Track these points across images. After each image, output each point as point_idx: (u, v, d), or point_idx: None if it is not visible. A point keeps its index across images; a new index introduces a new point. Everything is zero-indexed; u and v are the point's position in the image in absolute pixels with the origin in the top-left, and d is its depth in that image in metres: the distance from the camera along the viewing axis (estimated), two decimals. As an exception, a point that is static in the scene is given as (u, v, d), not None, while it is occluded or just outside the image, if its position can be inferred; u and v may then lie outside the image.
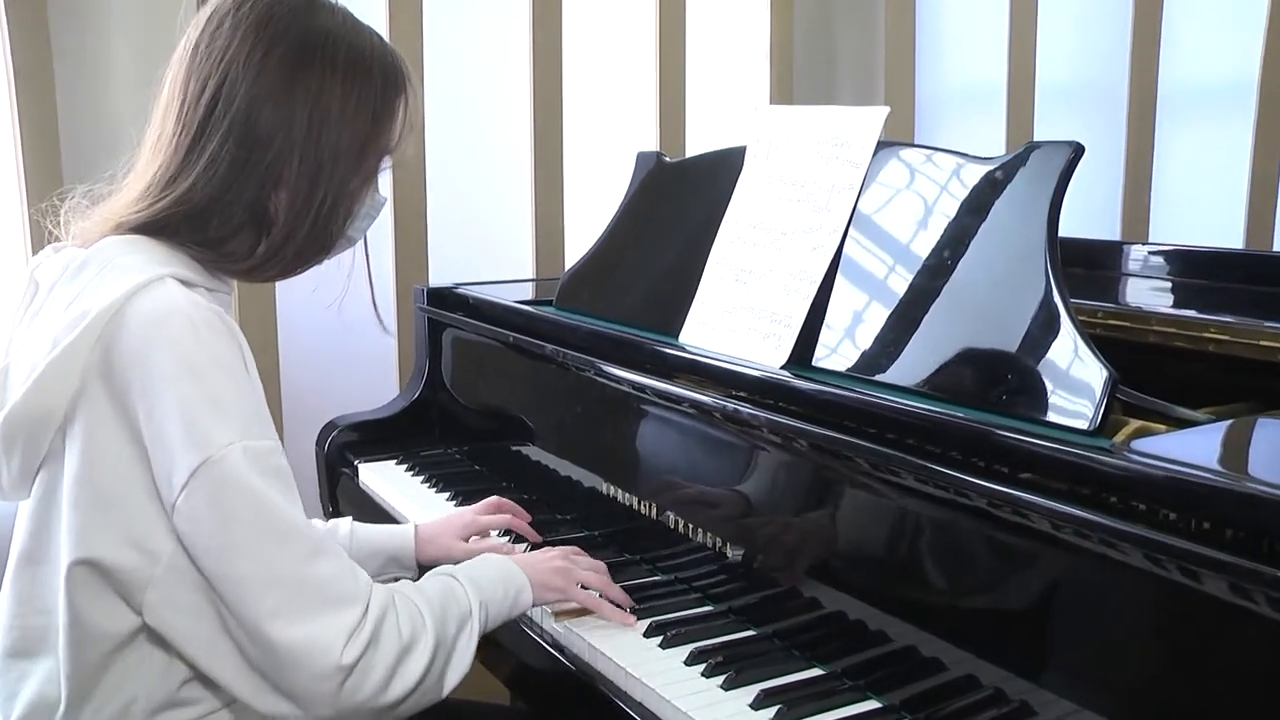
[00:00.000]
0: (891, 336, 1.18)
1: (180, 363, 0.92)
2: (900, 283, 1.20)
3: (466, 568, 1.15)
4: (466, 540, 1.38)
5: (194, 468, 0.91)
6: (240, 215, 1.01)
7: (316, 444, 1.91)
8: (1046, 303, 1.04)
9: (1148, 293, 1.53)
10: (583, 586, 1.24)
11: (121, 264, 0.99)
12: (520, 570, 1.18)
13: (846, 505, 1.11)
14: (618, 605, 1.23)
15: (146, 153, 1.05)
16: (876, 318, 1.21)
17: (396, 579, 1.27)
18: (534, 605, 1.20)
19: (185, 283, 0.99)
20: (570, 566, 1.24)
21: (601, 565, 1.29)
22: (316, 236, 1.04)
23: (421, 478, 1.75)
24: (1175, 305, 1.42)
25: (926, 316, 1.15)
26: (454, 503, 1.63)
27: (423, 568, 1.36)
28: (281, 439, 2.16)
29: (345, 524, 1.32)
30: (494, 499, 1.43)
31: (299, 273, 1.08)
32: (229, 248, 1.02)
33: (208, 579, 0.94)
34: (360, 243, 1.12)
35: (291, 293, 2.02)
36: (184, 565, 0.94)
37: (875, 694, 1.07)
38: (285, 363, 2.17)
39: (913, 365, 1.14)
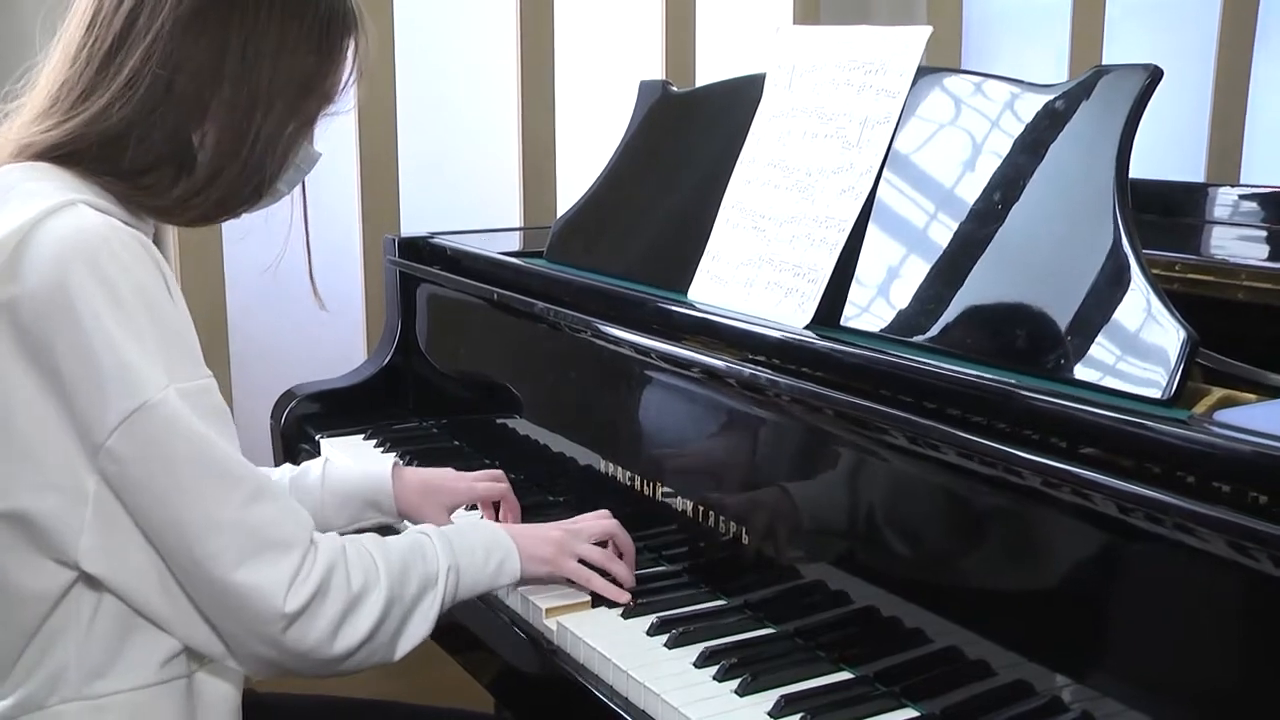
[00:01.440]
0: (932, 293, 1.17)
1: (103, 293, 0.93)
2: (943, 231, 1.19)
3: (445, 528, 1.18)
4: (451, 512, 1.39)
5: (128, 412, 0.94)
6: (160, 146, 1.02)
7: (272, 416, 1.91)
8: (1115, 253, 1.04)
9: (1236, 242, 1.52)
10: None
11: (25, 190, 1.00)
12: (509, 537, 1.20)
13: (879, 485, 1.11)
14: (619, 584, 1.25)
15: (55, 62, 1.05)
16: (915, 271, 1.20)
17: (382, 529, 1.29)
18: (521, 578, 1.21)
19: (99, 210, 0.99)
20: (565, 535, 1.25)
21: (612, 525, 1.29)
22: (246, 181, 1.05)
23: (394, 455, 1.75)
24: (1270, 257, 1.41)
25: (973, 270, 1.14)
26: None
27: (404, 515, 1.37)
28: (231, 411, 2.18)
29: (317, 466, 1.35)
30: (495, 473, 1.43)
31: (223, 220, 1.09)
32: (146, 181, 1.03)
33: (139, 522, 0.98)
34: (299, 201, 1.14)
35: (241, 243, 2.02)
36: (113, 505, 0.97)
37: (912, 702, 1.07)
38: (235, 323, 2.16)
39: (956, 325, 1.13)
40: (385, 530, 1.24)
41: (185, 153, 1.03)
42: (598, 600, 1.25)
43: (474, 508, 1.47)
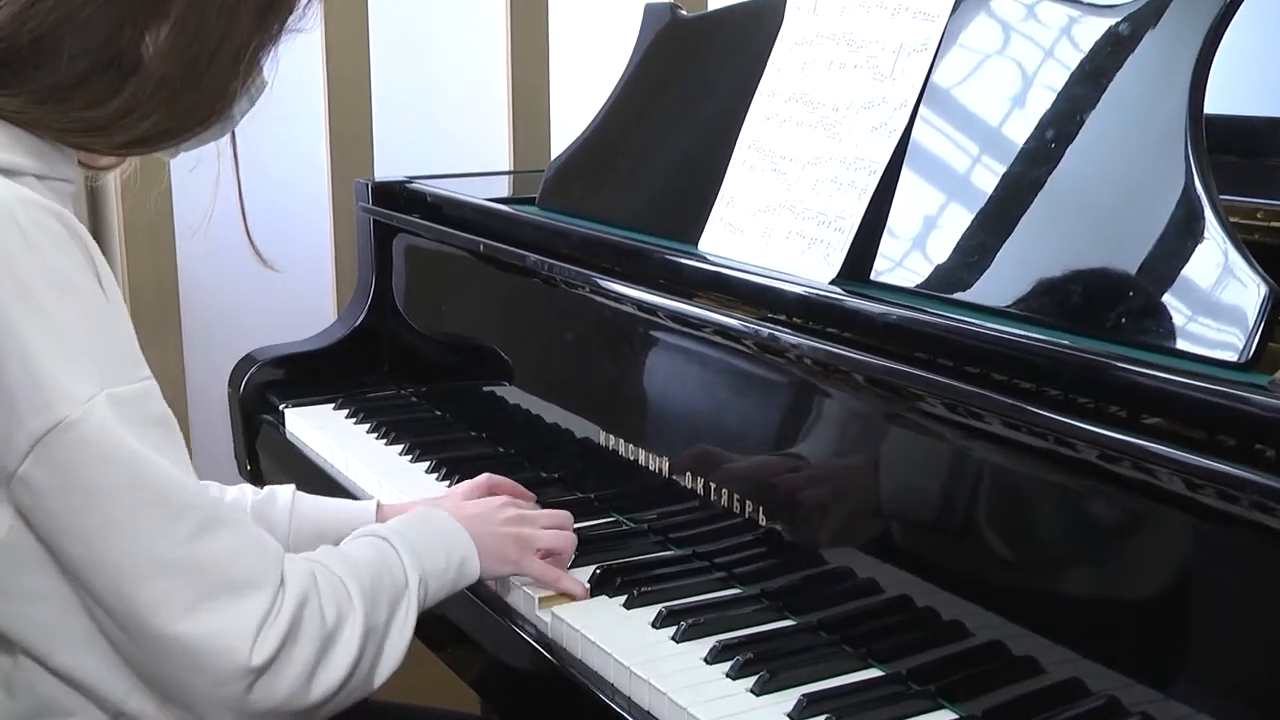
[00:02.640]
0: (975, 243, 1.16)
1: (10, 286, 0.87)
2: (987, 174, 1.19)
3: (402, 528, 1.15)
4: None
5: (43, 432, 0.88)
6: (96, 52, 0.95)
7: (230, 384, 1.91)
8: (1186, 199, 1.02)
9: (1329, 186, 1.51)
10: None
11: None
12: (465, 534, 1.19)
13: (914, 459, 1.10)
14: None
15: None
16: (955, 219, 1.19)
17: None
18: (480, 579, 1.21)
19: (6, 172, 0.93)
20: (525, 532, 1.25)
21: (564, 516, 1.30)
22: (203, 94, 1.00)
23: (367, 426, 1.75)
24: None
25: (1022, 218, 1.13)
26: (408, 458, 1.63)
27: None
28: (181, 381, 2.19)
29: (285, 494, 1.31)
30: (484, 478, 1.40)
31: (164, 147, 1.03)
32: (74, 97, 0.96)
33: (64, 564, 0.92)
34: (230, 149, 1.10)
35: (192, 186, 2.01)
36: (30, 544, 0.92)
37: (950, 702, 1.06)
38: (187, 280, 2.16)
39: (1003, 280, 1.13)
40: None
41: (125, 58, 0.96)
42: (598, 587, 1.25)
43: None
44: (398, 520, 1.18)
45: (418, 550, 1.12)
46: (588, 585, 1.25)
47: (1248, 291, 0.96)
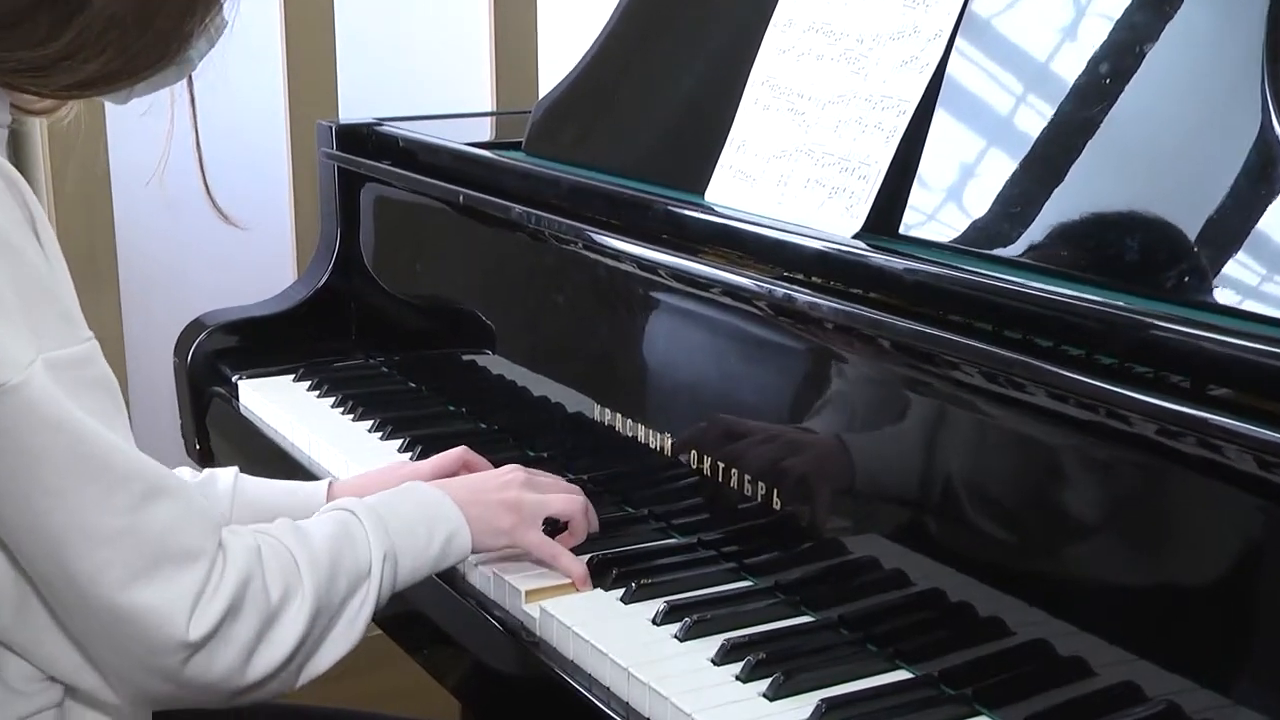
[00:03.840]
0: (1018, 193, 1.16)
1: None
2: (1032, 115, 1.18)
3: (374, 501, 1.17)
4: None
5: None
6: None
7: (175, 353, 1.91)
8: (1262, 143, 1.02)
9: None
10: (552, 527, 1.26)
11: None
12: (454, 506, 1.20)
13: (948, 435, 1.10)
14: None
15: None
16: (996, 166, 1.19)
17: None
18: (473, 553, 1.22)
19: None
20: (527, 498, 1.25)
21: (576, 491, 1.31)
22: (157, 34, 1.01)
23: (332, 400, 1.75)
24: None
25: (1073, 164, 1.13)
26: (378, 435, 1.63)
27: None
28: (120, 349, 2.19)
29: (227, 476, 1.33)
30: (459, 452, 1.39)
31: (106, 90, 1.04)
32: (13, 35, 0.97)
33: (2, 530, 0.97)
34: (185, 96, 1.11)
35: (131, 130, 2.00)
36: None
37: (987, 709, 1.07)
38: (125, 233, 2.15)
39: (1050, 234, 1.12)
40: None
41: None
42: (593, 580, 1.25)
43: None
44: (379, 495, 1.19)
45: (388, 525, 1.14)
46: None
47: (1328, 246, 0.96)
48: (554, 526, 1.29)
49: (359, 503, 1.16)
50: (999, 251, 1.15)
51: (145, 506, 0.96)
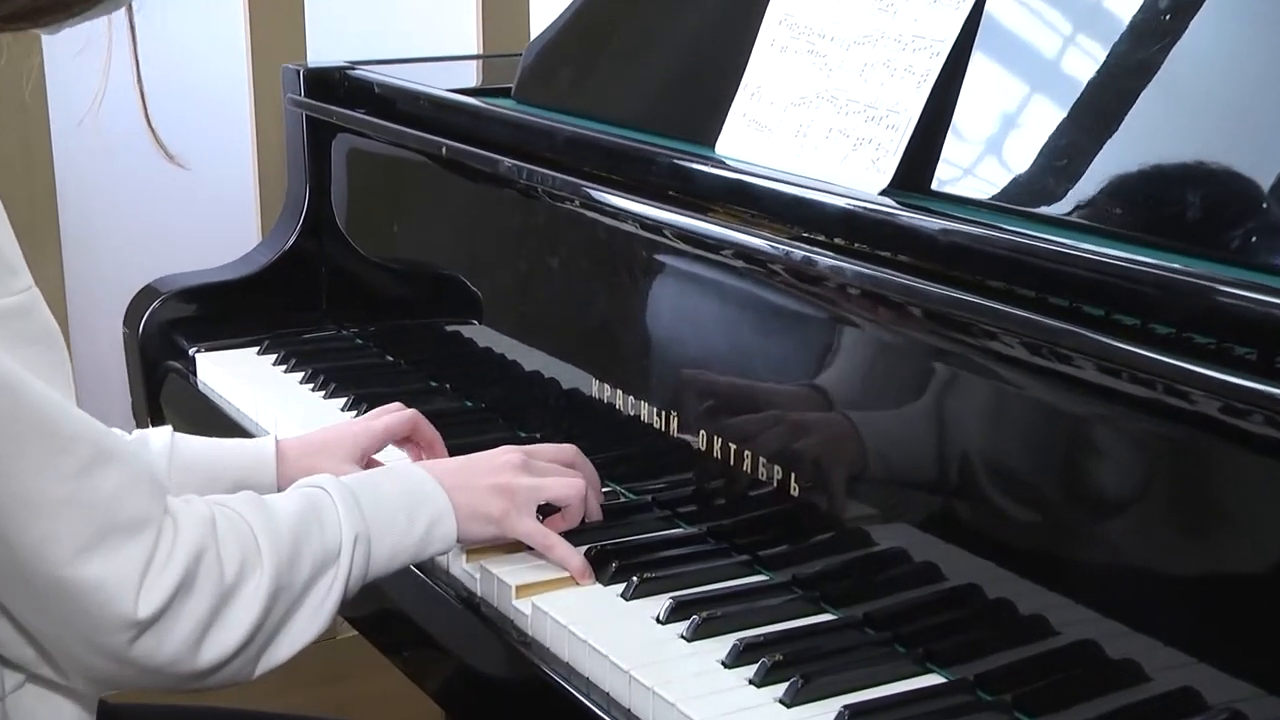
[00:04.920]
0: (1064, 144, 1.16)
1: None
2: (1081, 57, 1.18)
3: (351, 480, 1.18)
4: (363, 463, 1.40)
5: None
6: None
7: (125, 323, 1.91)
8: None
9: None
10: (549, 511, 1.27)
11: None
12: (440, 489, 1.21)
13: (986, 413, 1.10)
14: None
15: None
16: (1040, 114, 1.18)
17: None
18: (460, 542, 1.22)
19: None
20: (521, 482, 1.25)
21: (571, 450, 1.32)
22: None
23: (301, 375, 1.76)
24: None
25: (1127, 113, 1.13)
26: (352, 414, 1.64)
27: None
28: (62, 318, 2.18)
29: (161, 436, 1.34)
30: (411, 413, 1.43)
31: (37, 22, 1.04)
32: None
33: None
34: (125, 21, 1.11)
35: (72, 70, 1.99)
36: None
37: (1028, 716, 1.07)
38: (67, 187, 2.14)
39: (1100, 191, 1.12)
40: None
41: None
42: (594, 571, 1.26)
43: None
44: (355, 474, 1.20)
45: (363, 505, 1.14)
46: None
47: None
48: (550, 511, 1.29)
49: (333, 480, 1.16)
50: (1043, 209, 1.14)
51: (91, 472, 0.97)
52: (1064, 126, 1.16)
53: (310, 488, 1.15)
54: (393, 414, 1.43)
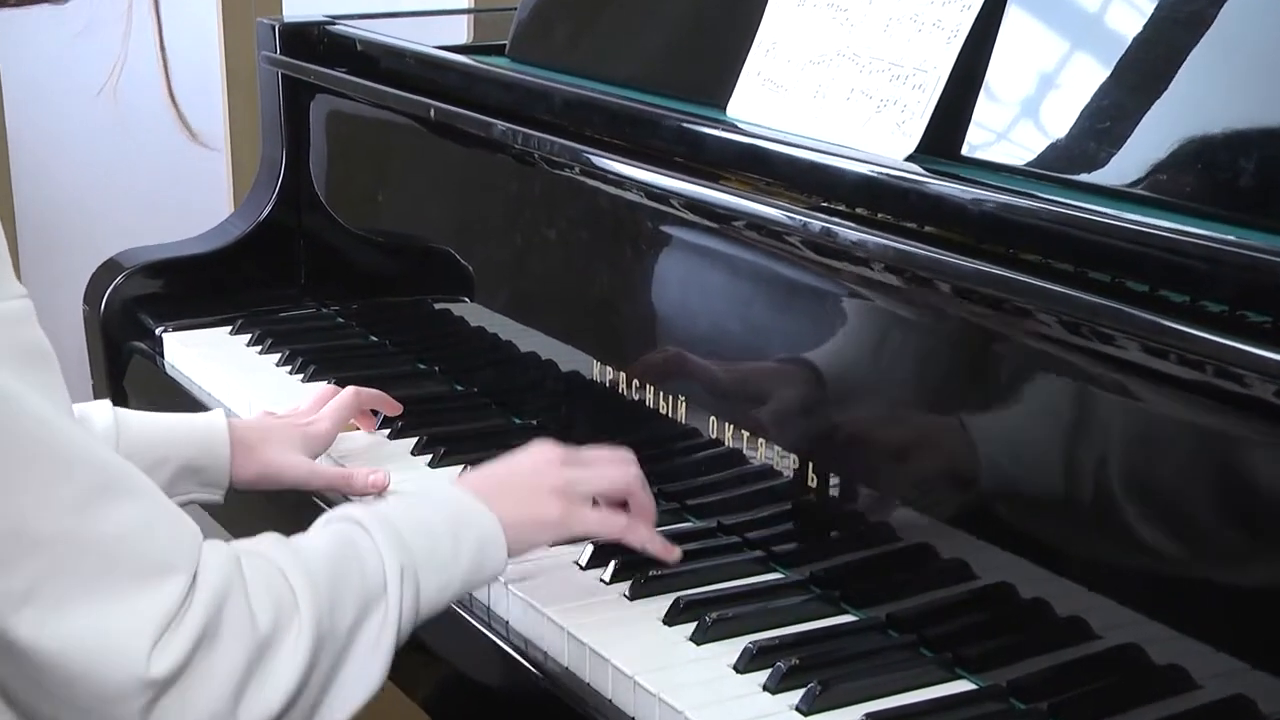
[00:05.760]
0: (1106, 105, 1.16)
1: None
2: (1127, 14, 1.18)
3: (381, 505, 1.15)
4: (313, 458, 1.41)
5: None
6: None
7: (86, 300, 1.91)
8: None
9: None
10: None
11: None
12: (482, 504, 1.16)
13: (1021, 395, 1.10)
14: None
15: None
16: (1080, 73, 1.18)
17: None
18: (513, 557, 1.18)
19: None
20: (571, 474, 1.22)
21: (626, 458, 1.28)
22: None
23: (278, 356, 1.76)
24: None
25: (1176, 71, 1.12)
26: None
27: (238, 491, 1.39)
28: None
29: (103, 413, 1.34)
30: (350, 392, 1.47)
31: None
32: None
33: None
34: None
35: (24, 38, 2.00)
36: None
37: (1066, 724, 1.08)
38: (20, 156, 2.14)
39: (1145, 156, 1.12)
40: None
41: None
42: (591, 570, 1.26)
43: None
44: (383, 502, 1.17)
45: (402, 533, 1.10)
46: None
47: None
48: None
49: (365, 510, 1.12)
50: (1083, 177, 1.14)
51: (98, 504, 0.93)
52: (1106, 86, 1.16)
53: (340, 521, 1.10)
54: (331, 409, 1.45)
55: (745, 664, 1.13)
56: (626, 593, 1.24)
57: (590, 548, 1.28)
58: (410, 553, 1.09)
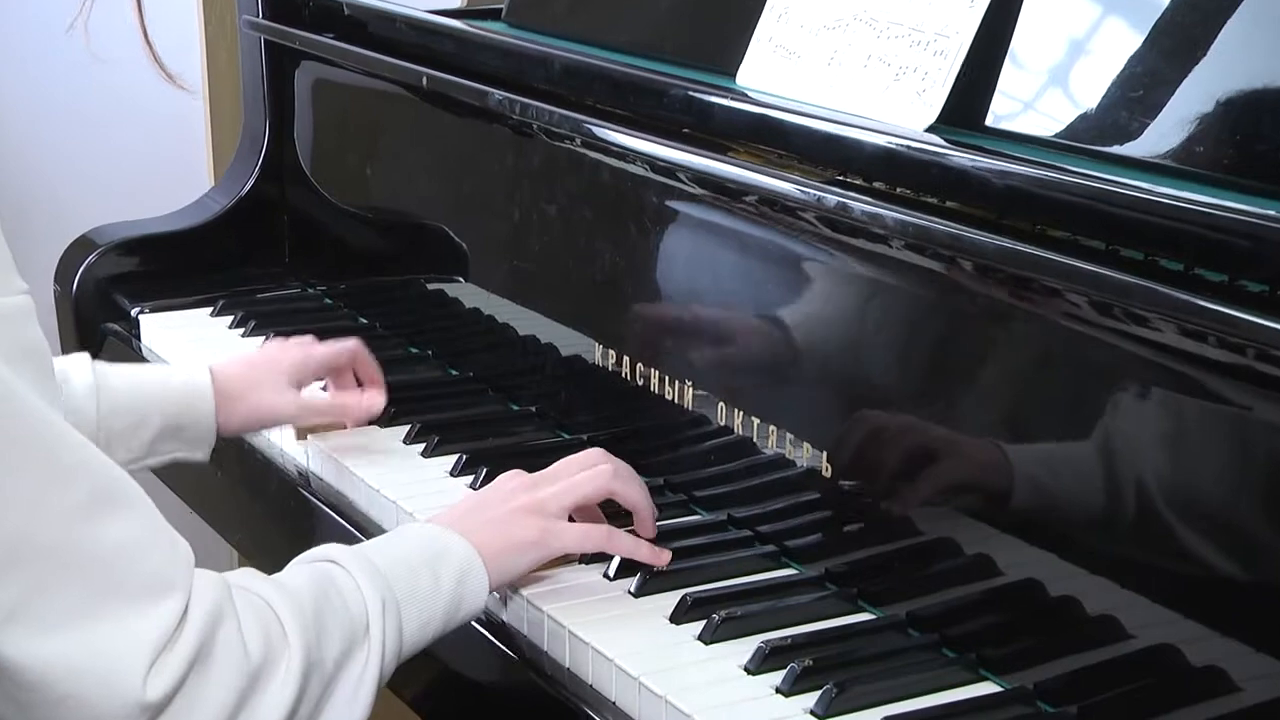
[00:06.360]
0: (1140, 72, 1.15)
1: None
2: (1159, -30, 1.17)
3: (363, 546, 1.16)
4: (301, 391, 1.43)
5: None
6: None
7: (57, 279, 1.91)
8: None
9: None
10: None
11: None
12: (458, 536, 1.17)
13: (1049, 381, 1.10)
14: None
15: None
16: (1111, 40, 1.18)
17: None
18: (494, 589, 1.19)
19: None
20: (544, 493, 1.23)
21: (599, 458, 1.29)
22: None
23: (261, 339, 1.75)
24: None
25: (1215, 35, 1.12)
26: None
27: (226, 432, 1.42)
28: None
29: (82, 370, 1.35)
30: (354, 342, 1.51)
31: None
32: None
33: None
34: None
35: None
36: None
37: (1098, 730, 1.08)
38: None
39: (1181, 126, 1.12)
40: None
41: None
42: (594, 565, 1.26)
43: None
44: (362, 544, 1.17)
45: (381, 569, 1.11)
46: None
47: None
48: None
49: (341, 548, 1.13)
50: (1114, 148, 1.14)
51: (94, 515, 0.93)
52: (1140, 51, 1.16)
53: (317, 562, 1.11)
54: (335, 342, 1.48)
55: (757, 665, 1.13)
56: (631, 589, 1.24)
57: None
58: (390, 587, 1.10)
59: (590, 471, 1.27)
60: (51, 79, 2.06)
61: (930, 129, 1.23)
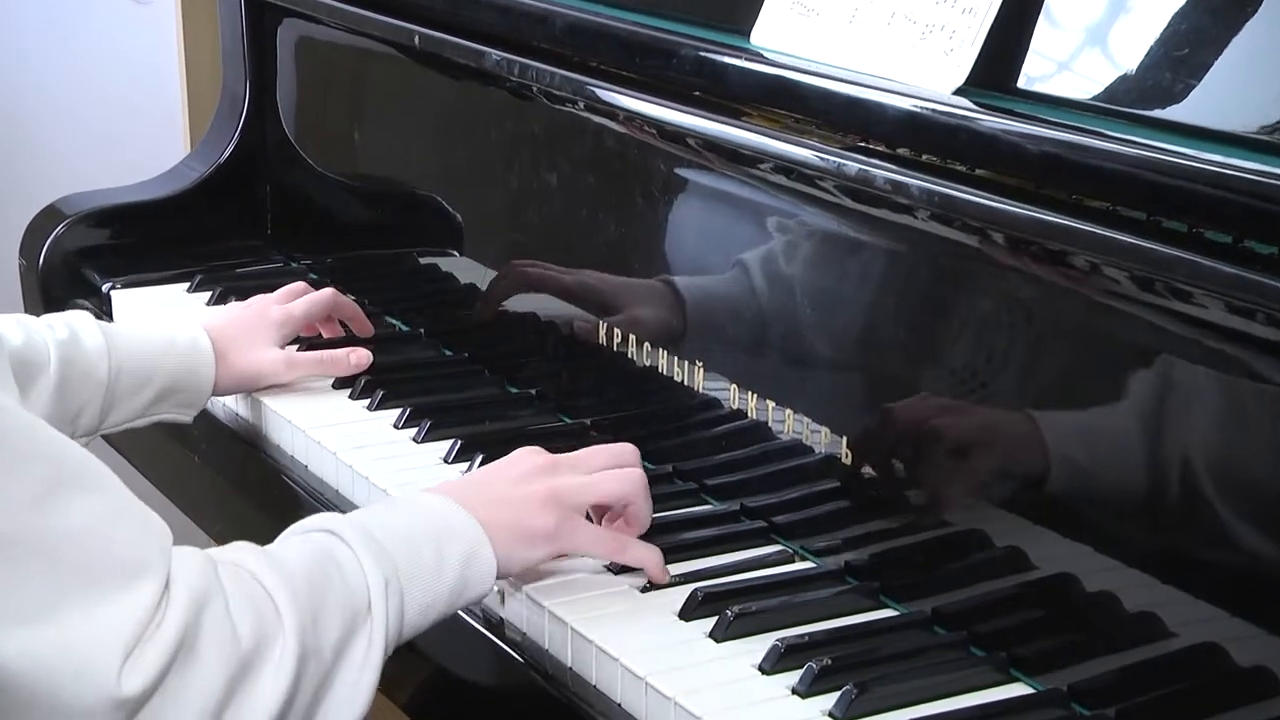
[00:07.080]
0: (1184, 30, 1.15)
1: None
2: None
3: (356, 515, 1.15)
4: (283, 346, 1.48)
5: None
6: None
7: (22, 253, 1.92)
8: None
9: None
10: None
11: None
12: (468, 515, 1.17)
13: (1086, 360, 1.10)
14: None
15: None
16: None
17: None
18: (503, 576, 1.19)
19: None
20: (564, 483, 1.22)
21: (626, 450, 1.29)
22: None
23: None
24: None
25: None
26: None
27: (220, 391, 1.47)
28: None
29: (89, 329, 1.39)
30: (329, 292, 1.58)
31: None
32: None
33: None
34: None
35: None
36: None
37: (1141, 736, 1.08)
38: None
39: (1229, 89, 1.11)
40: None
41: None
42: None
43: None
44: (359, 511, 1.17)
45: (385, 545, 1.10)
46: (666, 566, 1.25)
47: None
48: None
49: (340, 519, 1.12)
50: (1156, 112, 1.13)
51: (58, 500, 0.93)
52: (1185, 8, 1.15)
53: (316, 531, 1.11)
54: (305, 300, 1.55)
55: (772, 664, 1.14)
56: (638, 585, 1.24)
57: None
58: (393, 564, 1.09)
59: (619, 472, 1.26)
60: (13, 29, 2.05)
61: (958, 91, 1.22)
